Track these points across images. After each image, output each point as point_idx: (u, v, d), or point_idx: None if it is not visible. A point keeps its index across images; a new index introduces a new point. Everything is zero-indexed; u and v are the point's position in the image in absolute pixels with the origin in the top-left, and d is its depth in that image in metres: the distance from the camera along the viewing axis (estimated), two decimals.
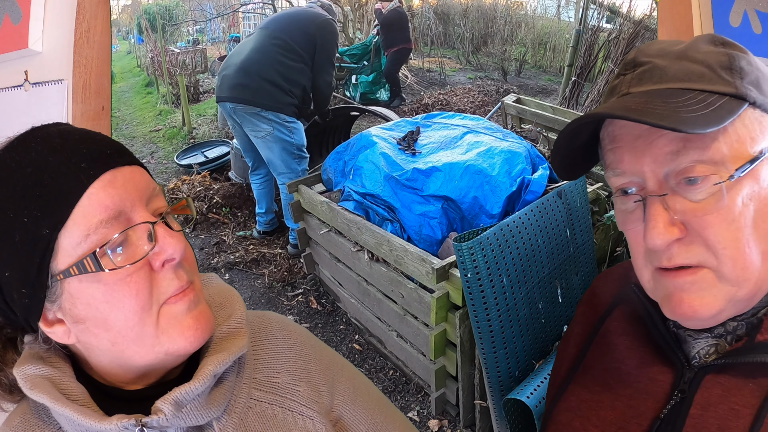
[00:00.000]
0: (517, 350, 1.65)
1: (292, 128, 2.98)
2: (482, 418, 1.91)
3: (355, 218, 2.20)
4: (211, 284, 0.65)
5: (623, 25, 5.61)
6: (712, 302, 0.51)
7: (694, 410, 0.54)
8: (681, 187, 0.51)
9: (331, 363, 0.70)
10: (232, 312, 0.60)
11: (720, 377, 0.54)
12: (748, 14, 0.92)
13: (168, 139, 5.91)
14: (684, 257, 0.51)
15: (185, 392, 0.50)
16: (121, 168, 0.51)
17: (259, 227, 3.56)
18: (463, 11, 10.58)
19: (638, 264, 0.57)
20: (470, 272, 1.51)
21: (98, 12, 1.08)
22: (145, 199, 0.52)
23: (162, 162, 5.23)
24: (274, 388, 0.61)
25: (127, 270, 0.48)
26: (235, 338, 0.57)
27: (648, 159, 0.52)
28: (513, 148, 2.29)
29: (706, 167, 0.50)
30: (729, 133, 0.50)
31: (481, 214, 2.15)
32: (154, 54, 8.50)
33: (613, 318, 0.70)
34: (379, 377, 2.32)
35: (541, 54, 9.54)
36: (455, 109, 6.23)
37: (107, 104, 1.17)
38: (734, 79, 0.52)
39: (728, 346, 0.55)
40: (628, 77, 0.56)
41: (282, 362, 0.64)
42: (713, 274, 0.51)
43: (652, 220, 0.51)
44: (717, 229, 0.50)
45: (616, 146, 0.56)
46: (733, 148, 0.50)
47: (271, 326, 0.68)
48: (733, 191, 0.50)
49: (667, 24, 1.09)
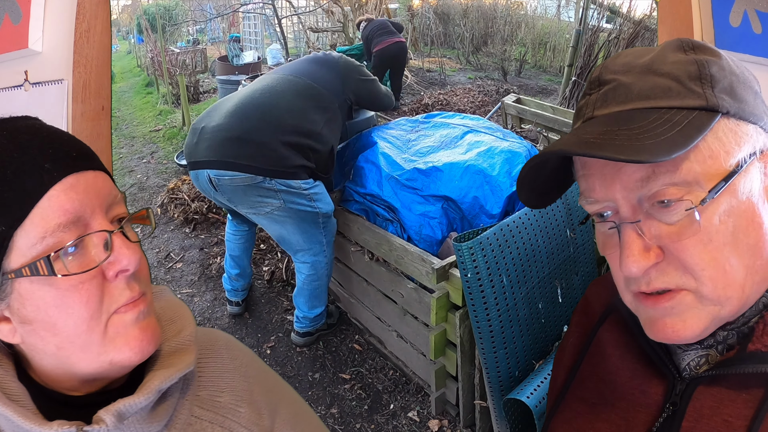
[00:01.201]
0: (517, 350, 1.65)
1: (312, 195, 2.06)
2: (482, 418, 1.91)
3: (355, 218, 2.20)
4: (163, 297, 0.64)
5: (623, 25, 5.62)
6: (696, 323, 0.50)
7: (687, 423, 0.53)
8: (654, 209, 0.50)
9: (275, 387, 0.70)
10: (182, 328, 0.60)
11: (712, 389, 0.53)
12: (748, 14, 0.92)
13: (168, 139, 5.91)
14: (662, 281, 0.50)
15: (129, 405, 0.49)
16: (85, 172, 0.50)
17: (235, 297, 2.66)
18: (463, 11, 10.59)
19: (620, 287, 0.56)
20: (470, 272, 1.51)
21: (98, 12, 1.08)
22: (106, 207, 0.52)
23: (162, 162, 5.23)
24: (216, 407, 0.61)
25: (80, 277, 0.48)
26: (183, 354, 0.56)
27: (618, 186, 0.51)
28: (513, 148, 2.29)
29: (678, 189, 0.48)
30: (701, 150, 0.48)
31: (481, 214, 2.15)
32: (154, 54, 8.51)
33: (606, 328, 0.69)
34: (379, 377, 2.32)
35: (541, 54, 9.54)
36: (455, 109, 6.23)
37: (107, 104, 1.17)
38: (704, 89, 0.49)
39: (719, 356, 0.54)
40: (593, 97, 0.55)
41: (226, 381, 0.64)
42: (693, 295, 0.50)
43: (627, 248, 0.50)
44: (693, 251, 0.48)
45: (587, 173, 0.54)
46: (706, 165, 0.48)
47: (218, 345, 0.67)
48: (708, 211, 0.48)
49: (667, 24, 1.09)
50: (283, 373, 2.39)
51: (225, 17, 12.59)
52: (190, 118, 5.93)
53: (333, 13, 8.99)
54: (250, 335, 2.65)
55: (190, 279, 3.17)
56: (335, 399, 2.22)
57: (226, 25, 13.12)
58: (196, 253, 3.45)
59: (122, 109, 7.83)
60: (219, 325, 2.73)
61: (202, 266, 3.27)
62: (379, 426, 2.08)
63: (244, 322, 2.75)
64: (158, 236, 3.71)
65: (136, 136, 6.27)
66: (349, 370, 2.37)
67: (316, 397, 2.24)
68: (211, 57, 9.75)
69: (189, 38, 12.38)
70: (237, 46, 7.60)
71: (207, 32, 13.98)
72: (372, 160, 2.38)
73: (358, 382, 2.30)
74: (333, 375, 2.36)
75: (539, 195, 0.63)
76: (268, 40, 11.05)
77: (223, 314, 2.82)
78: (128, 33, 16.49)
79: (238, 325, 2.73)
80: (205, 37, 13.66)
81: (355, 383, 2.29)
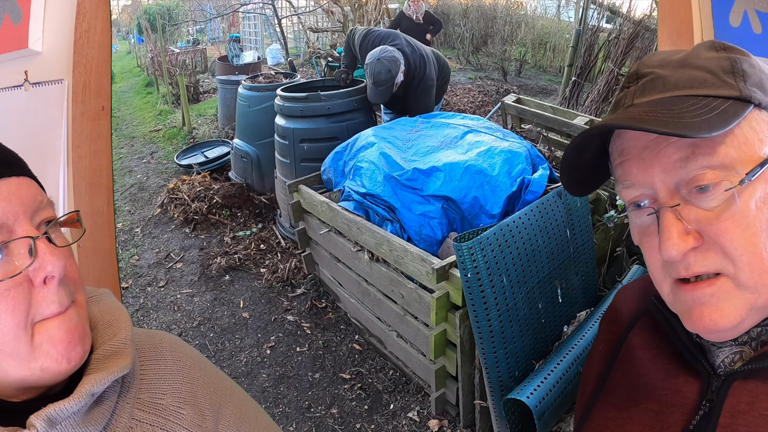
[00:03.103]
0: (517, 350, 1.65)
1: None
2: (482, 418, 1.91)
3: (355, 218, 2.20)
4: (102, 301, 0.64)
5: (623, 25, 5.61)
6: (733, 313, 0.51)
7: (724, 419, 0.53)
8: (693, 195, 0.51)
9: (219, 387, 0.70)
10: (117, 331, 0.59)
11: (747, 384, 0.54)
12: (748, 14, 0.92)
13: (168, 139, 5.91)
14: (701, 265, 0.51)
15: (59, 409, 0.49)
16: (8, 179, 0.50)
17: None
18: (463, 11, 10.59)
19: (657, 278, 0.57)
20: (470, 272, 1.51)
21: (98, 12, 1.08)
22: (30, 213, 0.51)
23: (162, 162, 5.23)
24: (158, 409, 0.60)
25: (6, 284, 0.47)
26: (117, 358, 0.56)
27: (657, 169, 0.52)
28: (513, 148, 2.29)
29: (716, 173, 0.50)
30: (736, 135, 0.50)
31: (481, 214, 2.15)
32: (154, 54, 8.51)
33: (636, 333, 0.69)
34: (379, 377, 2.32)
35: (541, 54, 9.54)
36: (455, 109, 6.23)
37: (107, 104, 1.17)
38: (737, 82, 0.52)
39: (753, 353, 0.55)
40: (632, 89, 0.57)
41: (168, 384, 0.64)
42: (731, 282, 0.51)
43: (666, 231, 0.51)
44: (732, 236, 0.49)
45: (624, 159, 0.56)
46: (741, 151, 0.50)
47: (162, 346, 0.67)
48: (745, 195, 0.49)
49: (667, 24, 1.09)
50: (283, 373, 2.39)
51: (225, 17, 12.59)
52: (189, 118, 5.93)
53: (333, 13, 8.99)
54: (250, 335, 2.65)
55: (190, 279, 3.17)
56: (335, 399, 2.22)
57: (226, 25, 13.12)
58: (196, 253, 3.45)
59: (122, 109, 7.83)
60: (219, 325, 2.73)
61: (202, 266, 3.27)
62: (379, 426, 2.08)
63: (244, 322, 2.75)
64: (158, 236, 3.71)
65: (136, 136, 6.27)
66: (349, 370, 2.37)
67: (316, 397, 2.24)
68: (211, 57, 9.75)
69: (189, 38, 12.39)
70: (237, 46, 7.60)
71: (207, 32, 13.98)
72: (372, 160, 2.38)
73: (358, 382, 2.30)
74: (333, 375, 2.36)
75: (578, 182, 0.64)
76: (268, 40, 11.05)
77: (223, 314, 2.82)
78: (128, 33, 16.50)
79: (238, 325, 2.73)
80: (205, 37, 13.66)
81: (355, 383, 2.29)
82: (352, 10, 8.26)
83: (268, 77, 4.19)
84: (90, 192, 1.16)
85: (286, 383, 2.33)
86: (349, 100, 3.15)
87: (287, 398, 2.25)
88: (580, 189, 0.65)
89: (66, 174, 1.11)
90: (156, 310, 2.91)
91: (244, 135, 3.91)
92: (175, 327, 2.75)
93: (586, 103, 5.41)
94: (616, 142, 0.57)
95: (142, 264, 3.38)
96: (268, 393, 2.28)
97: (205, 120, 6.30)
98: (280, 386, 2.32)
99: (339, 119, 3.14)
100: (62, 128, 1.08)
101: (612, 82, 5.16)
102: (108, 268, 1.24)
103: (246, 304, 2.90)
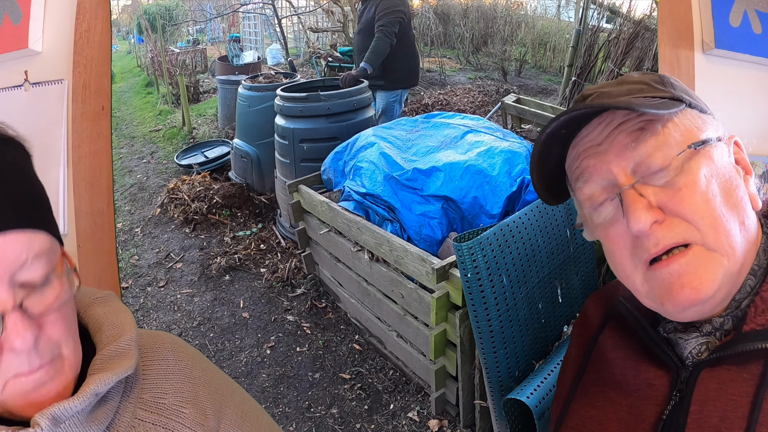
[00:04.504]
0: (517, 350, 1.65)
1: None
2: (482, 418, 1.91)
3: (355, 218, 2.20)
4: (107, 303, 0.64)
5: (623, 25, 5.61)
6: (711, 278, 0.53)
7: (694, 407, 0.55)
8: (648, 177, 0.56)
9: (221, 387, 0.70)
10: (122, 332, 0.60)
11: (714, 371, 0.56)
12: (748, 14, 0.92)
13: (168, 139, 5.91)
14: (669, 237, 0.54)
15: (64, 408, 0.49)
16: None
17: None
18: (463, 11, 10.59)
19: (627, 269, 0.59)
20: (470, 272, 1.51)
21: (98, 12, 1.08)
22: (10, 274, 0.47)
23: (162, 162, 5.23)
24: (160, 408, 0.61)
25: None
26: (122, 359, 0.56)
27: (612, 155, 0.57)
28: (513, 148, 2.29)
29: (664, 152, 0.55)
30: (677, 123, 0.57)
31: (481, 214, 2.15)
32: (154, 54, 8.51)
33: (606, 335, 0.72)
34: (379, 377, 2.32)
35: (541, 54, 9.54)
36: (455, 109, 6.23)
37: (107, 104, 1.17)
38: (668, 89, 0.60)
39: (718, 342, 0.57)
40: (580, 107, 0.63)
41: (170, 383, 0.64)
42: (701, 247, 0.53)
43: (632, 206, 0.55)
44: (690, 201, 0.53)
45: (581, 159, 0.61)
46: (683, 134, 0.57)
47: (163, 346, 0.68)
48: (693, 164, 0.55)
49: (667, 24, 1.09)
50: (283, 373, 2.39)
51: (225, 17, 12.59)
52: (189, 118, 5.93)
53: (333, 13, 8.99)
54: (250, 335, 2.65)
55: (190, 279, 3.17)
56: (335, 399, 2.22)
57: (226, 25, 13.12)
58: (196, 253, 3.45)
59: (122, 109, 7.83)
60: (219, 325, 2.73)
61: (202, 266, 3.27)
62: (379, 426, 2.08)
63: (245, 322, 2.75)
64: (158, 236, 3.71)
65: (136, 136, 6.27)
66: (349, 370, 2.37)
67: (316, 397, 2.24)
68: (211, 57, 9.74)
69: (189, 38, 12.38)
70: (237, 46, 7.60)
71: (207, 32, 13.97)
72: (372, 160, 2.38)
73: (358, 382, 2.30)
74: (333, 375, 2.36)
75: (549, 191, 0.69)
76: (268, 40, 11.06)
77: (223, 314, 2.82)
78: (128, 33, 16.49)
79: (238, 325, 2.73)
80: (205, 37, 13.66)
81: (355, 383, 2.29)
82: (352, 10, 8.26)
83: (268, 77, 4.19)
84: (90, 192, 1.17)
85: (286, 383, 2.33)
86: (349, 100, 3.15)
87: (287, 398, 2.25)
88: (552, 198, 0.70)
89: (66, 174, 1.11)
90: (156, 310, 2.91)
91: (244, 135, 3.91)
92: (175, 327, 2.75)
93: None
94: (572, 152, 0.63)
95: (142, 264, 3.38)
96: (268, 393, 2.28)
97: (205, 120, 6.30)
98: (280, 386, 2.32)
99: (339, 119, 3.13)
100: (62, 128, 1.08)
101: None
102: (108, 268, 1.24)
103: (246, 304, 2.90)
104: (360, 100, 3.20)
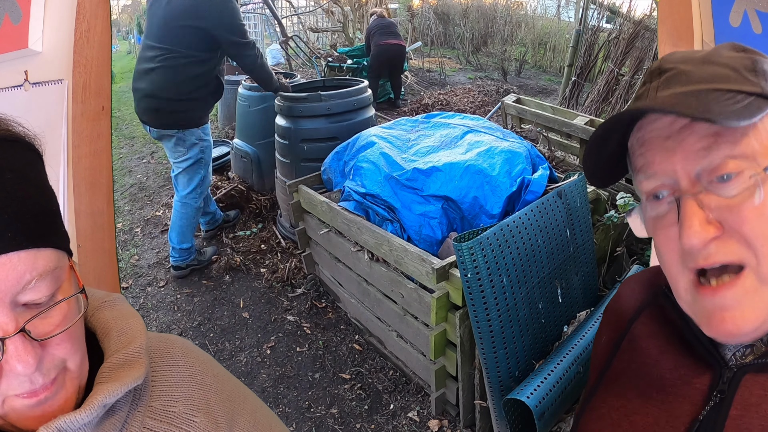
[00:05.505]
0: (517, 350, 1.65)
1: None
2: (482, 418, 1.91)
3: (355, 218, 2.20)
4: (115, 307, 0.62)
5: (623, 25, 5.61)
6: (755, 315, 0.50)
7: (735, 411, 0.53)
8: (713, 185, 0.51)
9: (233, 394, 0.68)
10: (132, 339, 0.57)
11: (759, 377, 0.53)
12: (748, 14, 0.92)
13: None
14: (722, 254, 0.50)
15: (70, 421, 0.47)
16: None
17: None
18: (463, 11, 10.59)
19: (673, 271, 0.55)
20: (470, 272, 1.51)
21: (98, 12, 1.08)
22: (12, 296, 0.44)
23: (162, 162, 5.23)
24: (170, 417, 0.58)
25: None
26: (131, 368, 0.54)
27: (679, 157, 0.52)
28: (513, 148, 2.29)
29: (738, 163, 0.49)
30: (759, 130, 0.50)
31: (481, 214, 2.15)
32: None
33: (641, 321, 0.68)
34: (379, 377, 2.32)
35: (541, 54, 9.54)
36: (455, 109, 6.23)
37: (107, 104, 1.17)
38: (759, 80, 0.52)
39: (764, 347, 0.55)
40: (654, 84, 0.56)
41: (181, 391, 0.61)
42: (754, 275, 0.50)
43: (688, 219, 0.50)
44: (754, 224, 0.49)
45: (646, 150, 0.55)
46: (763, 145, 0.50)
47: (174, 352, 0.65)
48: (767, 185, 0.49)
49: (667, 24, 1.09)
50: (283, 373, 2.39)
51: None
52: None
53: (333, 13, 8.99)
54: (250, 335, 2.65)
55: (190, 279, 3.17)
56: (335, 399, 2.22)
57: None
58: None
59: (122, 109, 7.83)
60: (219, 325, 2.73)
61: (201, 266, 3.27)
62: (379, 426, 2.08)
63: (245, 322, 2.75)
64: (158, 236, 3.71)
65: (136, 136, 6.27)
66: (349, 370, 2.37)
67: (316, 397, 2.24)
68: None
69: None
70: None
71: None
72: (372, 160, 2.38)
73: (358, 382, 2.30)
74: (333, 375, 2.36)
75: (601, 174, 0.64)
76: (268, 40, 11.05)
77: (223, 314, 2.82)
78: (128, 33, 16.48)
79: (238, 325, 2.73)
80: None
81: (355, 383, 2.29)
82: (352, 10, 8.26)
83: None
84: (90, 192, 1.16)
85: (286, 383, 2.33)
86: (349, 101, 3.15)
87: (287, 398, 2.25)
88: (603, 180, 0.65)
89: (66, 174, 1.11)
90: (156, 310, 2.91)
91: (244, 135, 3.91)
92: (175, 327, 2.75)
93: (586, 103, 5.41)
94: (638, 134, 0.57)
95: (142, 264, 3.38)
96: (268, 393, 2.28)
97: None
98: (280, 386, 2.32)
99: (339, 119, 3.13)
100: (62, 128, 1.08)
101: (612, 82, 5.16)
102: (108, 268, 1.24)
103: (246, 304, 2.90)
104: (360, 100, 3.20)
